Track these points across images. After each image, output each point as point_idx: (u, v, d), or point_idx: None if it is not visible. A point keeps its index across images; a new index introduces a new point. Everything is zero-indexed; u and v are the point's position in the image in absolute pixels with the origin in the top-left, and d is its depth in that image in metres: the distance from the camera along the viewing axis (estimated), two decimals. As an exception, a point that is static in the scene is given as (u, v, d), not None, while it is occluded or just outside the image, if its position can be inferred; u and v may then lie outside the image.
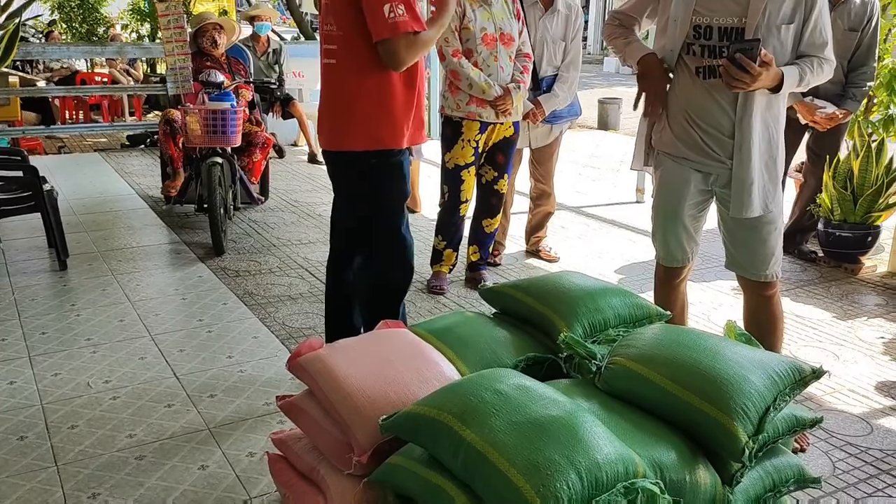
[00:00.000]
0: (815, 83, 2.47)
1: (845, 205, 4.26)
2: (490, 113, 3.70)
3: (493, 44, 3.69)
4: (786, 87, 2.38)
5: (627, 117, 10.14)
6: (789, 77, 2.37)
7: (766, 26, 2.36)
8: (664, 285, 2.84)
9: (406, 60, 2.46)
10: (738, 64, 2.27)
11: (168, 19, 4.82)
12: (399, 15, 2.37)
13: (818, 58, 2.43)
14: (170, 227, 5.04)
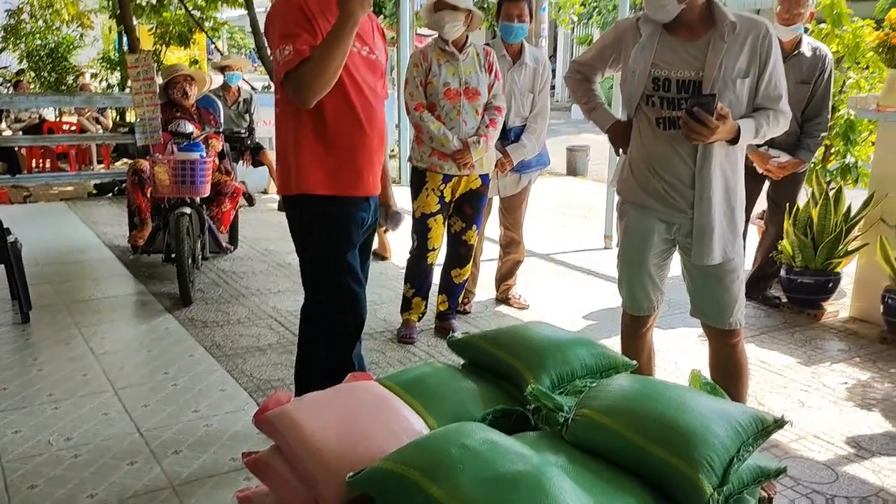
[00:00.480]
0: (771, 135, 2.56)
1: (806, 252, 4.35)
2: (451, 166, 3.75)
3: (456, 98, 3.76)
4: (743, 139, 2.46)
5: (595, 163, 10.30)
6: (746, 130, 2.45)
7: (722, 80, 2.45)
8: (631, 334, 2.88)
9: (303, 94, 2.34)
10: (696, 117, 2.34)
11: (138, 71, 4.84)
12: (286, 55, 2.32)
13: (774, 110, 2.52)
14: (136, 278, 5.00)
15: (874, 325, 4.19)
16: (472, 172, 3.82)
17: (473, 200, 3.92)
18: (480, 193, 3.94)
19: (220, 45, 16.91)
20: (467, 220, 3.97)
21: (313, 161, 2.49)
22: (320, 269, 2.61)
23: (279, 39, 2.36)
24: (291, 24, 2.36)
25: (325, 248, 2.57)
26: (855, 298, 4.42)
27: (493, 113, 3.83)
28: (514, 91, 4.14)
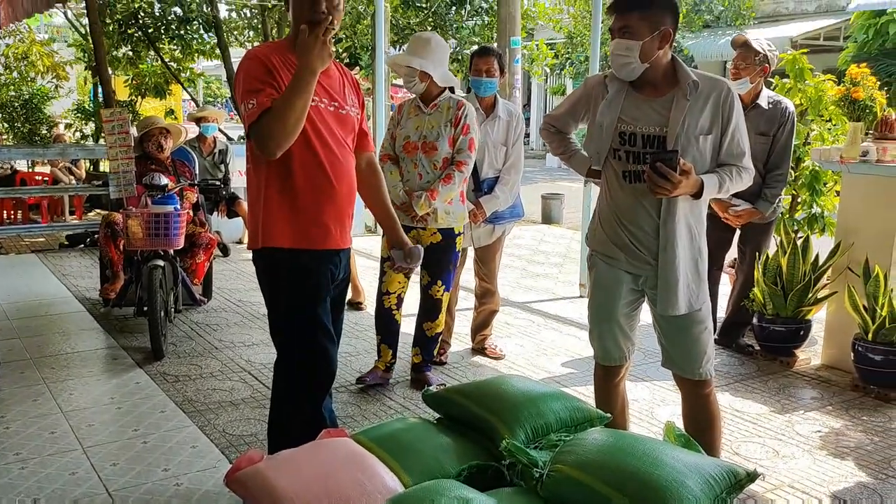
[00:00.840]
0: (734, 190, 2.63)
1: (777, 300, 4.41)
2: (403, 216, 3.79)
3: (413, 151, 3.82)
4: (706, 194, 2.52)
5: (570, 211, 10.41)
6: (709, 185, 2.51)
7: (686, 136, 2.52)
8: (603, 384, 2.89)
9: (266, 145, 2.36)
10: (659, 172, 2.41)
11: (113, 125, 4.85)
12: (250, 108, 2.36)
13: (737, 167, 2.59)
14: (107, 332, 4.93)
15: (846, 373, 4.23)
16: (429, 226, 3.83)
17: (436, 254, 3.90)
18: (442, 248, 3.90)
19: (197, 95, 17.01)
20: (431, 273, 3.97)
21: (280, 215, 2.51)
22: (288, 323, 2.60)
23: (244, 94, 2.41)
24: (255, 80, 2.40)
25: (293, 302, 2.57)
26: (826, 346, 4.48)
27: (451, 168, 3.79)
28: (487, 143, 4.20)
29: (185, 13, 10.96)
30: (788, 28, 14.71)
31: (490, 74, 4.17)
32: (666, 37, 2.53)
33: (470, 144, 3.82)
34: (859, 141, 4.19)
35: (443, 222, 3.85)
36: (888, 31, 11.89)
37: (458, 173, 3.78)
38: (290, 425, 2.64)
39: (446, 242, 3.90)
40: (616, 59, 2.56)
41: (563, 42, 17.49)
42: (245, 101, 2.39)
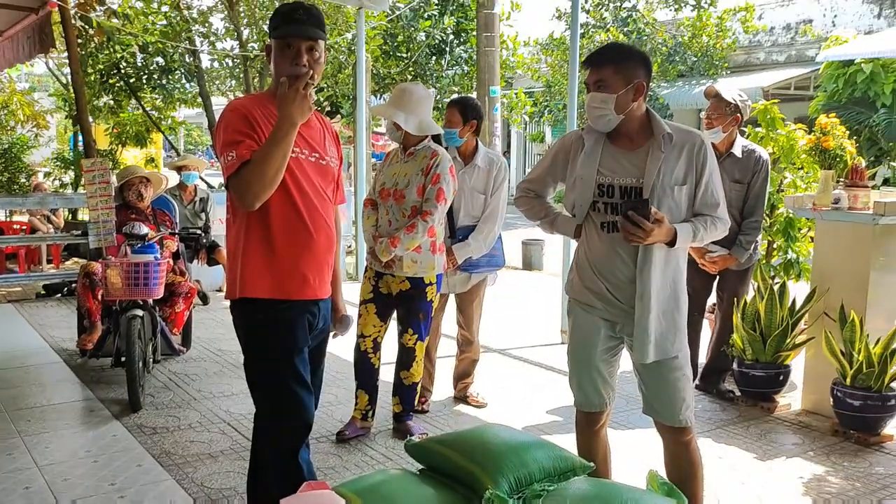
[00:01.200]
0: (709, 239, 2.69)
1: (755, 345, 4.45)
2: (375, 262, 3.86)
3: (386, 198, 3.87)
4: (679, 243, 2.57)
5: (551, 258, 10.48)
6: (683, 234, 2.56)
7: (661, 187, 2.57)
8: (585, 431, 2.89)
9: (245, 197, 2.38)
10: (632, 220, 2.46)
11: (93, 175, 4.85)
12: (230, 160, 2.38)
13: (711, 216, 2.65)
14: (84, 383, 4.85)
15: (826, 418, 4.26)
16: (397, 273, 3.84)
17: (406, 303, 3.91)
18: (412, 296, 3.89)
19: (178, 143, 17.07)
20: (402, 321, 3.98)
21: (259, 265, 2.51)
22: (265, 374, 2.58)
23: (224, 146, 2.42)
24: (234, 131, 2.42)
25: (270, 353, 2.55)
26: (806, 391, 4.51)
27: (416, 217, 3.76)
28: (464, 191, 4.24)
29: (167, 63, 11.05)
30: (760, 77, 15.08)
31: (450, 125, 4.22)
32: (639, 90, 2.60)
33: (438, 194, 3.76)
34: (831, 188, 4.29)
35: (409, 271, 3.83)
36: (856, 81, 12.21)
37: (422, 223, 3.73)
38: (268, 478, 2.61)
39: (416, 291, 3.88)
40: (592, 112, 2.63)
41: (541, 91, 17.81)
42: (225, 153, 2.41)
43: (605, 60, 2.61)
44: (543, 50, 17.51)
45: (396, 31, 11.73)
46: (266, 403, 2.59)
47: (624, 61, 2.60)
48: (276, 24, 2.53)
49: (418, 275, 3.86)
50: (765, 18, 16.69)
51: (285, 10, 2.53)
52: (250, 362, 2.61)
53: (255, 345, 2.58)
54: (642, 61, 2.64)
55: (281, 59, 2.49)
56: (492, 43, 10.11)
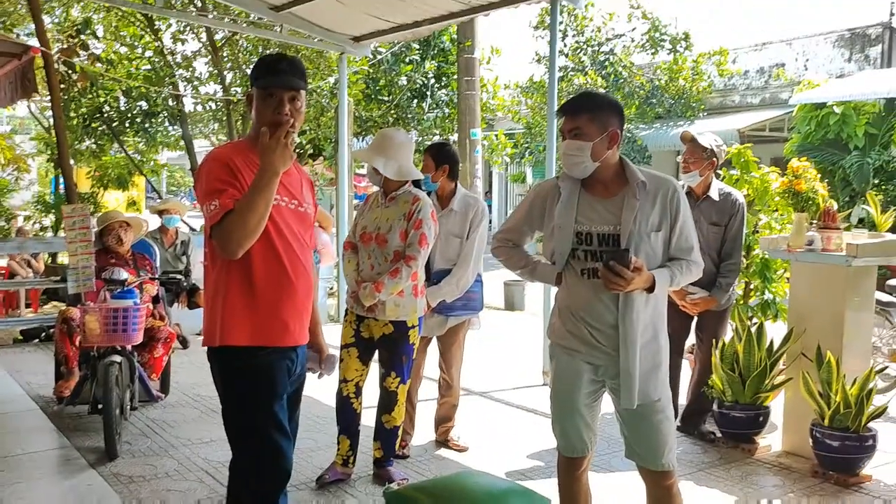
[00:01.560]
0: (685, 282, 2.75)
1: (735, 386, 4.48)
2: (356, 306, 3.87)
3: (368, 242, 3.90)
4: (658, 288, 2.62)
5: (533, 299, 10.50)
6: (661, 279, 2.61)
7: (638, 234, 2.62)
8: (567, 476, 2.89)
9: (228, 246, 2.39)
10: (613, 270, 2.51)
11: (73, 220, 4.85)
12: (213, 209, 2.39)
13: (686, 261, 2.70)
14: (60, 431, 4.78)
15: (806, 459, 4.27)
16: (379, 317, 3.84)
17: (387, 345, 3.91)
18: (394, 340, 3.89)
19: (160, 185, 17.07)
20: (384, 364, 3.97)
21: (240, 313, 2.51)
22: (244, 421, 2.56)
23: (206, 195, 2.45)
24: (217, 180, 2.45)
25: (250, 399, 2.54)
26: (785, 432, 4.52)
27: (400, 262, 3.78)
28: (440, 235, 4.27)
29: (150, 107, 11.11)
30: (736, 119, 15.36)
31: (425, 170, 4.25)
32: (614, 137, 2.66)
33: (421, 239, 3.80)
34: (804, 230, 4.36)
35: (392, 315, 3.84)
36: (829, 123, 12.47)
37: (406, 268, 3.76)
38: None
39: (398, 334, 3.89)
40: (568, 160, 2.68)
41: (522, 132, 18.04)
42: (207, 202, 2.43)
43: (581, 109, 2.67)
44: (524, 92, 17.77)
45: (378, 75, 11.88)
46: (246, 452, 2.57)
47: (599, 109, 2.67)
48: (258, 74, 2.58)
49: (401, 318, 3.86)
50: (739, 62, 17.07)
51: (268, 61, 2.59)
52: (230, 411, 2.59)
53: (235, 392, 2.57)
54: (616, 109, 2.71)
55: (263, 107, 2.54)
56: (472, 86, 10.27)
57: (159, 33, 11.10)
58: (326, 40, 7.68)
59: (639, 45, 17.73)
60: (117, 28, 11.48)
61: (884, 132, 12.40)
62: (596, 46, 17.51)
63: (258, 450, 2.54)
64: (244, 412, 2.56)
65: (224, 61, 11.03)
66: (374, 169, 3.89)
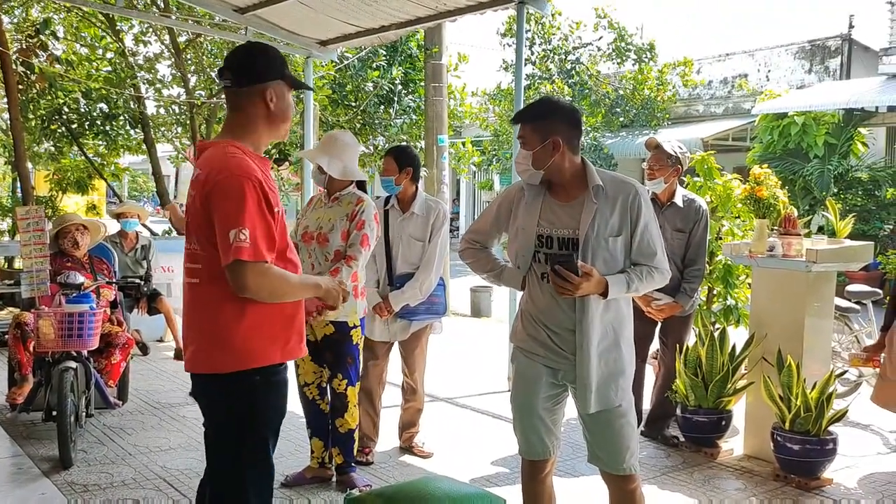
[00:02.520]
0: (644, 290, 2.71)
1: (698, 391, 4.50)
2: None
3: (309, 241, 3.85)
4: (612, 294, 2.60)
5: (499, 305, 10.50)
6: (615, 285, 2.60)
7: (596, 238, 2.62)
8: (530, 480, 2.87)
9: (250, 287, 2.23)
10: (559, 274, 2.51)
11: (28, 223, 4.71)
12: (241, 240, 2.19)
13: (648, 266, 2.68)
14: (13, 438, 4.63)
15: (767, 462, 4.30)
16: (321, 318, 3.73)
17: (330, 346, 3.87)
18: (337, 340, 3.84)
19: (122, 190, 16.78)
20: (330, 366, 3.92)
21: (262, 331, 2.33)
22: (261, 438, 2.39)
23: (235, 219, 2.21)
24: (254, 208, 2.23)
25: (271, 417, 2.41)
26: (747, 436, 4.55)
27: (341, 262, 3.74)
28: (402, 239, 4.25)
29: (111, 109, 10.90)
30: (700, 129, 15.60)
31: (387, 173, 4.24)
32: (556, 146, 2.64)
33: (363, 240, 3.77)
34: (765, 236, 4.41)
35: (332, 315, 3.74)
36: (790, 133, 12.72)
37: (346, 268, 3.72)
38: None
39: (340, 335, 3.85)
40: (516, 166, 2.74)
41: (489, 139, 18.10)
42: (236, 227, 2.20)
43: (523, 118, 2.72)
44: (491, 100, 17.85)
45: (345, 80, 11.81)
46: (253, 468, 2.40)
47: (540, 119, 2.66)
48: (284, 66, 2.45)
49: (340, 318, 3.81)
50: (703, 73, 17.35)
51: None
52: (245, 430, 2.37)
53: (257, 416, 2.38)
54: (563, 117, 2.67)
55: (289, 107, 2.47)
56: (439, 93, 10.25)
57: (121, 34, 10.90)
58: (292, 44, 7.60)
59: (605, 55, 17.94)
60: (78, 28, 11.26)
61: (842, 142, 12.68)
62: (563, 55, 17.66)
63: (265, 464, 2.41)
64: (262, 430, 2.39)
65: (188, 64, 10.87)
66: (318, 168, 3.87)
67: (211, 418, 2.44)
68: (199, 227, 2.33)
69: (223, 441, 2.40)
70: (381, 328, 4.29)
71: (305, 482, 3.95)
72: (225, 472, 2.41)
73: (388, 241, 4.26)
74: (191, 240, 2.38)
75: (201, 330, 2.36)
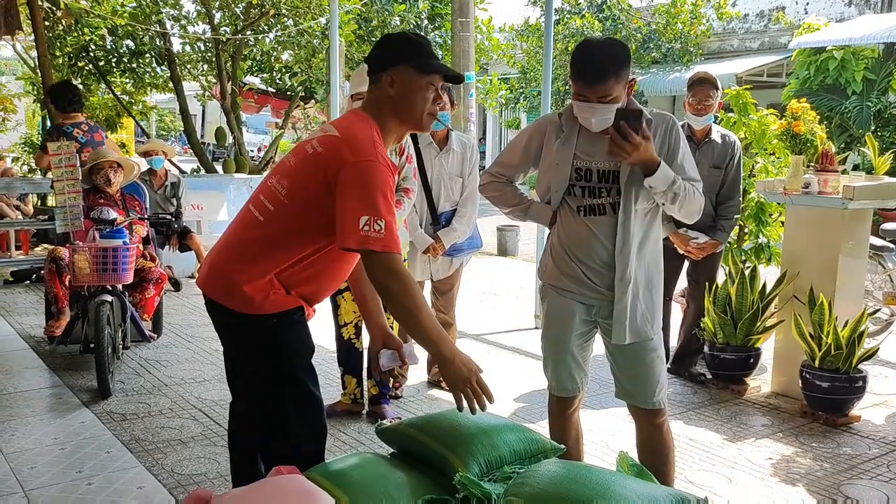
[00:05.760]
0: (685, 201, 2.57)
1: (726, 329, 4.49)
2: None
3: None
4: (659, 173, 2.49)
5: (526, 243, 10.49)
6: (664, 170, 2.50)
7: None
8: (558, 416, 2.90)
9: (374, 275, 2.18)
10: (622, 132, 2.42)
11: (60, 158, 4.75)
12: (375, 231, 2.11)
13: (692, 182, 2.61)
14: (52, 370, 4.78)
15: (795, 400, 4.31)
16: None
17: None
18: None
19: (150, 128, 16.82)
20: None
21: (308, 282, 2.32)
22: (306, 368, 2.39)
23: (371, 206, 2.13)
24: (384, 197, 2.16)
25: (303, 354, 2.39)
26: (775, 373, 4.55)
27: (400, 194, 3.80)
28: (442, 177, 4.23)
29: (137, 46, 10.84)
30: (734, 65, 15.15)
31: (443, 108, 4.21)
32: (632, 84, 2.57)
33: (414, 173, 3.91)
34: (801, 173, 4.32)
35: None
36: (828, 68, 12.32)
37: (407, 199, 3.84)
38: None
39: None
40: (599, 124, 2.53)
41: (517, 77, 17.78)
42: (371, 215, 2.12)
43: (607, 74, 2.47)
44: (519, 36, 17.46)
45: (371, 15, 11.61)
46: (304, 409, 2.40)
47: (622, 67, 2.49)
48: (414, 51, 2.31)
49: None
50: (738, 5, 16.76)
51: (424, 42, 2.34)
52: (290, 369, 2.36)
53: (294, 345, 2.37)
54: (629, 55, 2.55)
55: (417, 96, 2.28)
56: (466, 28, 10.05)
57: (145, -31, 10.77)
58: (317, -23, 7.46)
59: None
60: (102, -37, 11.14)
61: (882, 78, 12.27)
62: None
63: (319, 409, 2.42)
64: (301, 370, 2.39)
65: (212, 0, 10.74)
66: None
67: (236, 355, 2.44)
68: (299, 182, 2.25)
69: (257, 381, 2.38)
70: (422, 267, 4.29)
71: (336, 415, 4.03)
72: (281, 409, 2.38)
73: (427, 180, 4.23)
74: (281, 183, 2.28)
75: (235, 259, 2.29)
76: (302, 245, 2.28)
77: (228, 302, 2.30)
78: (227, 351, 2.53)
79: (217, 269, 2.34)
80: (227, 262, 2.32)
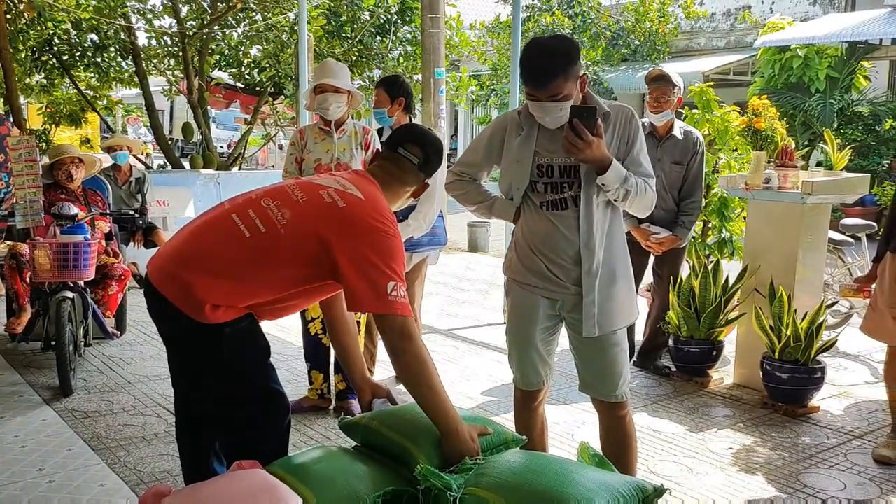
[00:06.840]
0: (636, 197, 2.60)
1: (690, 322, 4.55)
2: None
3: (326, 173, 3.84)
4: (611, 171, 2.52)
5: (496, 239, 10.53)
6: (616, 168, 2.53)
7: None
8: (523, 408, 2.92)
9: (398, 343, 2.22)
10: (575, 129, 2.45)
11: (19, 153, 4.67)
12: (402, 296, 2.21)
13: (644, 179, 2.64)
14: (13, 367, 4.70)
15: (756, 391, 4.38)
16: None
17: None
18: None
19: (115, 124, 16.57)
20: None
21: (272, 313, 2.38)
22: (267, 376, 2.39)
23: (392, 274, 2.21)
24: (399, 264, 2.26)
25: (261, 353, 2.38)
26: (737, 366, 4.63)
27: None
28: None
29: (101, 40, 10.68)
30: (701, 63, 15.34)
31: (379, 105, 4.15)
32: (583, 81, 2.58)
33: None
34: (762, 169, 4.39)
35: None
36: (792, 66, 12.53)
37: None
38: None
39: None
40: (554, 121, 2.55)
41: (487, 74, 17.81)
42: (399, 284, 2.22)
43: (556, 73, 2.47)
44: (490, 33, 17.49)
45: (340, 10, 11.56)
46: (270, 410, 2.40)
47: (570, 65, 2.49)
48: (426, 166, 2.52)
49: None
50: (706, 4, 16.97)
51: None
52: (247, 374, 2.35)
53: (250, 353, 2.36)
54: (578, 51, 2.55)
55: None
56: (436, 24, 10.04)
57: (110, -38, 10.60)
58: (285, -29, 7.41)
59: (606, -15, 17.51)
60: (65, -44, 10.95)
61: (844, 76, 12.50)
62: (563, -15, 17.24)
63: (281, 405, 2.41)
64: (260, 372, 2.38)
65: (179, -7, 10.60)
66: (322, 98, 3.82)
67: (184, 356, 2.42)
68: (308, 223, 2.25)
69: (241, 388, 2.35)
70: None
71: (302, 411, 4.02)
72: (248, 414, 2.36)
73: None
74: (281, 211, 2.25)
75: (204, 270, 2.21)
76: (284, 284, 2.27)
77: (181, 305, 2.22)
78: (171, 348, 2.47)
79: (178, 273, 2.23)
80: (194, 271, 2.21)
